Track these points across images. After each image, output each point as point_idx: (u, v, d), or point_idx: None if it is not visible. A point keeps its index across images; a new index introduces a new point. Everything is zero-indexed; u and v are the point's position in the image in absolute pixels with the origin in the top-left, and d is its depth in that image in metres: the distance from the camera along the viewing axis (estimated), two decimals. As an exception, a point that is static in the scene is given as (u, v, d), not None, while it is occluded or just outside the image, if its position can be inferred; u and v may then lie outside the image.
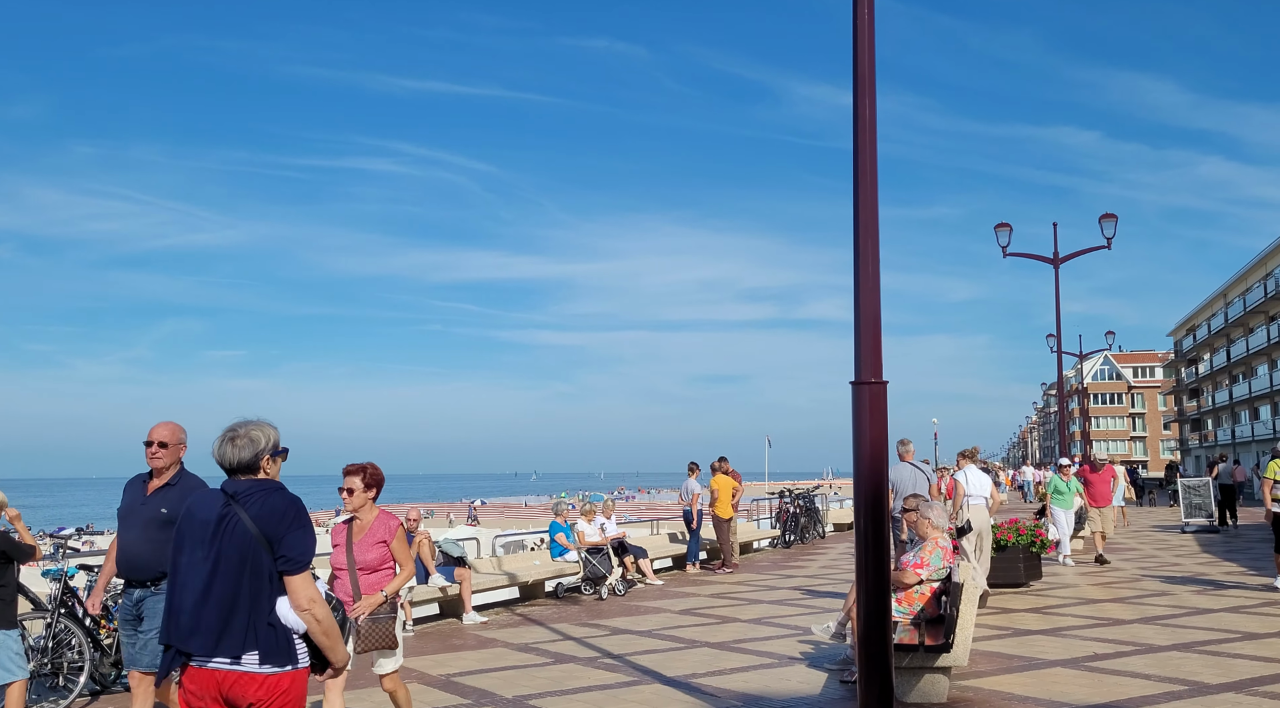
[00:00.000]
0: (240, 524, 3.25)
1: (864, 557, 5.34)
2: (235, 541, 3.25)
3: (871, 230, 5.48)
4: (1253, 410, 61.81)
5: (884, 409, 5.38)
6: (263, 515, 3.26)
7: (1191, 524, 22.83)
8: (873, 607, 5.31)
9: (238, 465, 3.35)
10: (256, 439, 3.38)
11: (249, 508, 3.27)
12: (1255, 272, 59.18)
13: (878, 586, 5.32)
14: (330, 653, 3.38)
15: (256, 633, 3.22)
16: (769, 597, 13.01)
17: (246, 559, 3.24)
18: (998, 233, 22.94)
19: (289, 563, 3.27)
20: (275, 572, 3.27)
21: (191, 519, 3.36)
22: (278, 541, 3.25)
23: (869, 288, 5.44)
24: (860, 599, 5.36)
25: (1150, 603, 11.43)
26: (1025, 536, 13.05)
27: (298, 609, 3.26)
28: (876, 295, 5.46)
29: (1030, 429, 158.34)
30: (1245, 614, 10.36)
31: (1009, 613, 10.90)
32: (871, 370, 5.39)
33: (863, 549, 5.35)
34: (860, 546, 5.36)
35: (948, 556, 7.44)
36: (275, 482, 3.41)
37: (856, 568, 5.38)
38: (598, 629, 10.63)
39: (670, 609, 12.10)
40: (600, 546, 13.92)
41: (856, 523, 5.40)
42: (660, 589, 14.34)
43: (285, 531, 3.27)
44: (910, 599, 7.39)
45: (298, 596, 3.26)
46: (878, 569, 5.32)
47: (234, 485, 3.35)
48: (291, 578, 3.27)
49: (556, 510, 14.76)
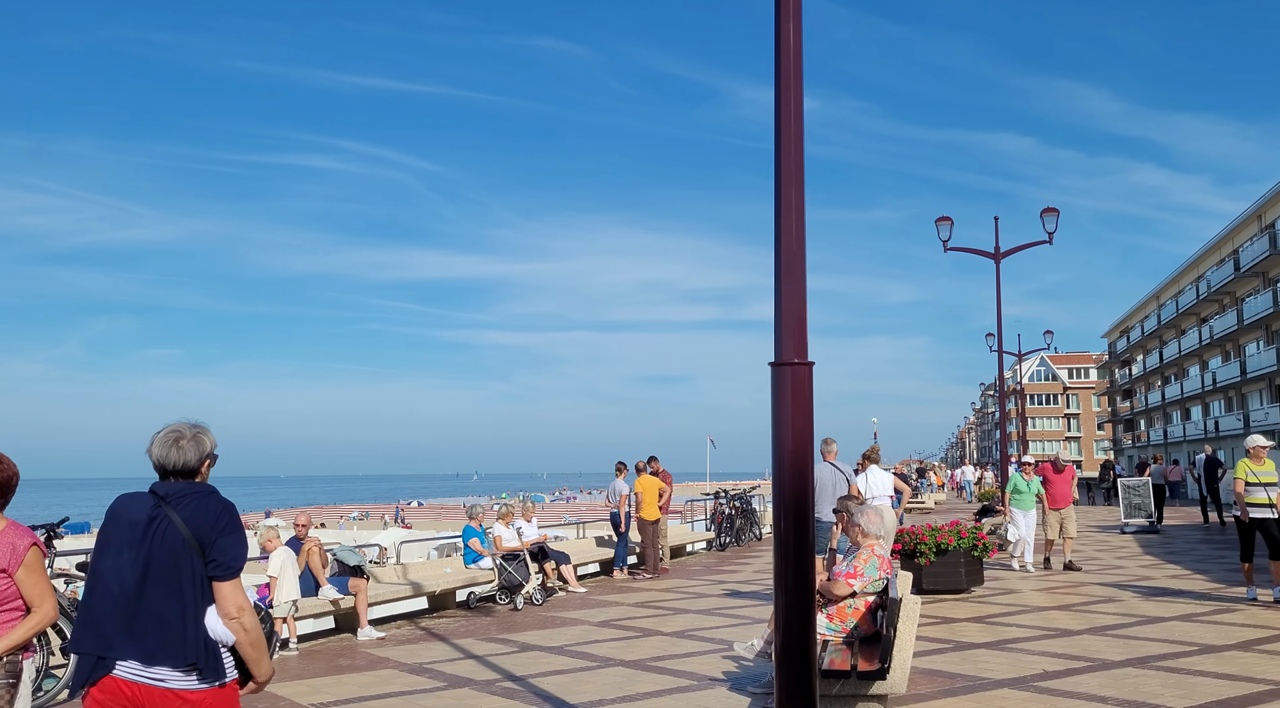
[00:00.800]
0: (172, 527, 3.12)
1: (784, 566, 4.44)
2: (167, 544, 3.12)
3: (795, 180, 4.58)
4: (1184, 411, 62.77)
5: (809, 394, 4.49)
6: (195, 519, 3.14)
7: (1131, 525, 22.51)
8: (794, 625, 4.40)
9: (181, 468, 3.23)
10: (202, 442, 3.28)
11: (181, 511, 3.14)
12: (1187, 275, 60.08)
13: (800, 600, 4.42)
14: (255, 666, 3.22)
15: (193, 643, 3.08)
16: (696, 606, 12.13)
17: (179, 564, 3.11)
18: (939, 227, 22.37)
19: (221, 568, 3.14)
20: (205, 578, 3.13)
21: (117, 521, 3.20)
22: (210, 544, 3.13)
23: (791, 252, 4.54)
24: (779, 617, 4.47)
25: (1098, 611, 10.77)
26: (966, 539, 12.35)
27: (226, 618, 3.13)
28: (801, 262, 4.56)
29: (968, 429, 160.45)
30: (1198, 623, 9.72)
31: (950, 623, 10.14)
32: (795, 349, 4.49)
33: (783, 557, 4.45)
34: (780, 553, 4.46)
35: (885, 565, 6.60)
36: (208, 485, 3.28)
37: (775, 579, 4.48)
38: (504, 645, 9.64)
39: (589, 621, 11.15)
40: (517, 551, 12.92)
41: (776, 526, 4.50)
42: (583, 598, 13.38)
43: (218, 535, 3.14)
44: (843, 615, 6.55)
45: (227, 603, 3.13)
46: (800, 581, 4.42)
47: (165, 487, 3.21)
48: (222, 584, 3.14)
49: (470, 514, 13.71)
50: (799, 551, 4.43)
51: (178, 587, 3.10)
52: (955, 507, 36.91)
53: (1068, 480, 15.84)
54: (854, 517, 6.84)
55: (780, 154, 4.63)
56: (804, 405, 4.47)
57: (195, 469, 3.25)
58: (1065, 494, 15.74)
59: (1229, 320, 50.35)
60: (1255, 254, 46.15)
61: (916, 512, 33.52)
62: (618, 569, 16.03)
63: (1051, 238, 21.76)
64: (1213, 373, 54.44)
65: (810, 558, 4.45)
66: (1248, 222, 49.10)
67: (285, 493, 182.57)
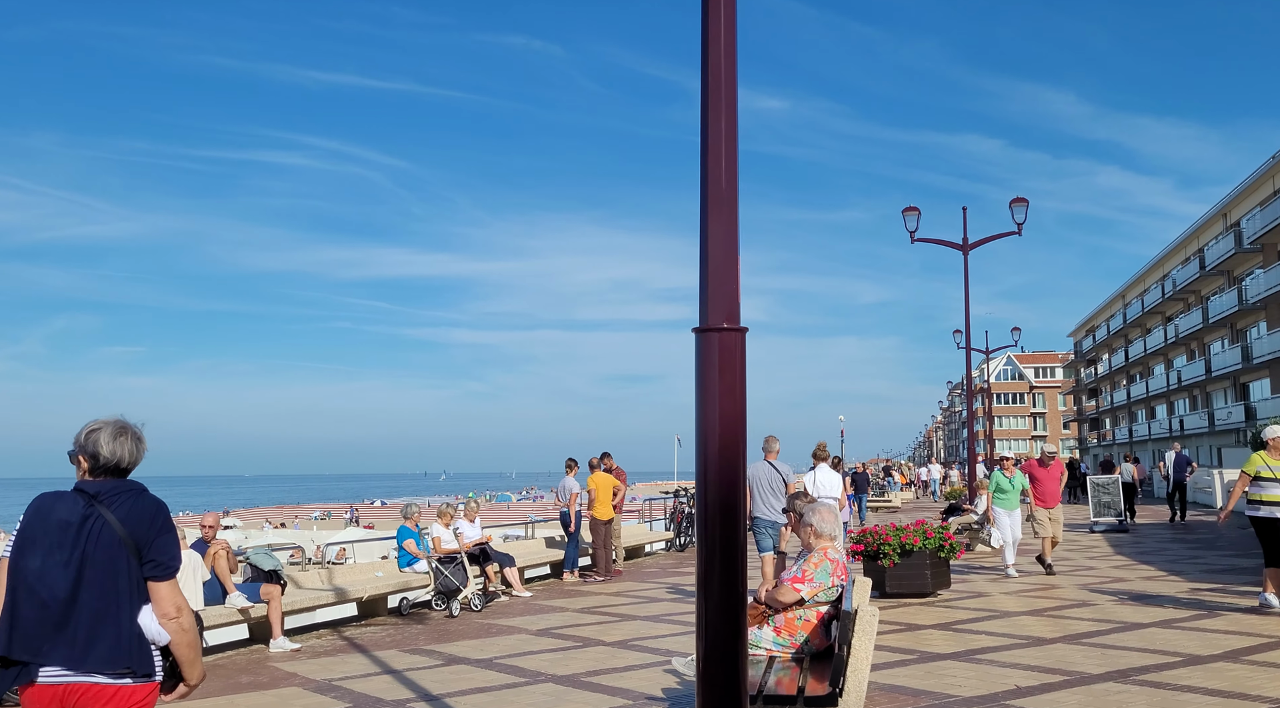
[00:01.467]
0: (107, 527, 3.05)
1: (709, 569, 3.63)
2: (102, 544, 3.04)
3: (726, 99, 3.76)
4: (1149, 410, 62.90)
5: (741, 367, 3.68)
6: (131, 518, 3.08)
7: (1100, 523, 22.00)
8: (720, 641, 3.60)
9: (128, 466, 3.18)
10: (143, 440, 3.24)
11: (115, 510, 3.07)
12: (1153, 274, 60.17)
13: (726, 611, 3.61)
14: (190, 668, 3.17)
15: (129, 644, 3.03)
16: (645, 611, 11.32)
17: (116, 565, 3.05)
18: (906, 217, 21.74)
19: (159, 568, 3.09)
20: (141, 578, 3.08)
21: (45, 521, 3.09)
22: (147, 544, 3.08)
23: (720, 192, 3.73)
24: (701, 631, 3.66)
25: (1071, 616, 10.07)
26: (933, 539, 11.63)
27: (164, 618, 3.07)
28: (732, 205, 3.75)
29: (935, 428, 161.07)
30: (1180, 630, 9.03)
31: (914, 630, 9.40)
32: (724, 312, 3.67)
33: (707, 559, 3.64)
34: (703, 554, 3.66)
35: (839, 571, 5.81)
36: (138, 483, 3.19)
37: (698, 585, 3.68)
38: (429, 658, 8.77)
39: (527, 629, 10.30)
40: (454, 554, 12.04)
41: (699, 525, 3.70)
42: (526, 603, 12.53)
43: (155, 534, 3.09)
44: (791, 628, 5.75)
45: (165, 603, 3.08)
46: (727, 588, 3.61)
47: (94, 486, 3.12)
48: (159, 584, 3.10)
49: (405, 514, 12.79)
50: (726, 552, 3.62)
51: (114, 588, 3.03)
52: (922, 506, 36.39)
53: (1056, 476, 14.79)
54: (805, 516, 6.05)
55: (708, 44, 3.79)
56: (734, 381, 3.66)
57: (133, 467, 3.20)
58: (1054, 491, 14.54)
59: (1194, 319, 50.35)
60: (1220, 253, 46.13)
61: (883, 511, 32.96)
62: (567, 572, 15.19)
63: (1020, 229, 21.19)
64: (1178, 371, 54.49)
65: (739, 560, 3.66)
66: (1212, 220, 49.11)
67: (249, 492, 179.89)
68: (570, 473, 15.86)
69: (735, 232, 3.75)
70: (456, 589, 11.69)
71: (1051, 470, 14.72)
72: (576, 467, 15.96)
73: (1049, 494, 14.46)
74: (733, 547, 3.64)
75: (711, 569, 3.62)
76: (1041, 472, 14.64)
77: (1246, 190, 44.14)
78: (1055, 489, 14.56)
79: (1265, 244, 41.62)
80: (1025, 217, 21.21)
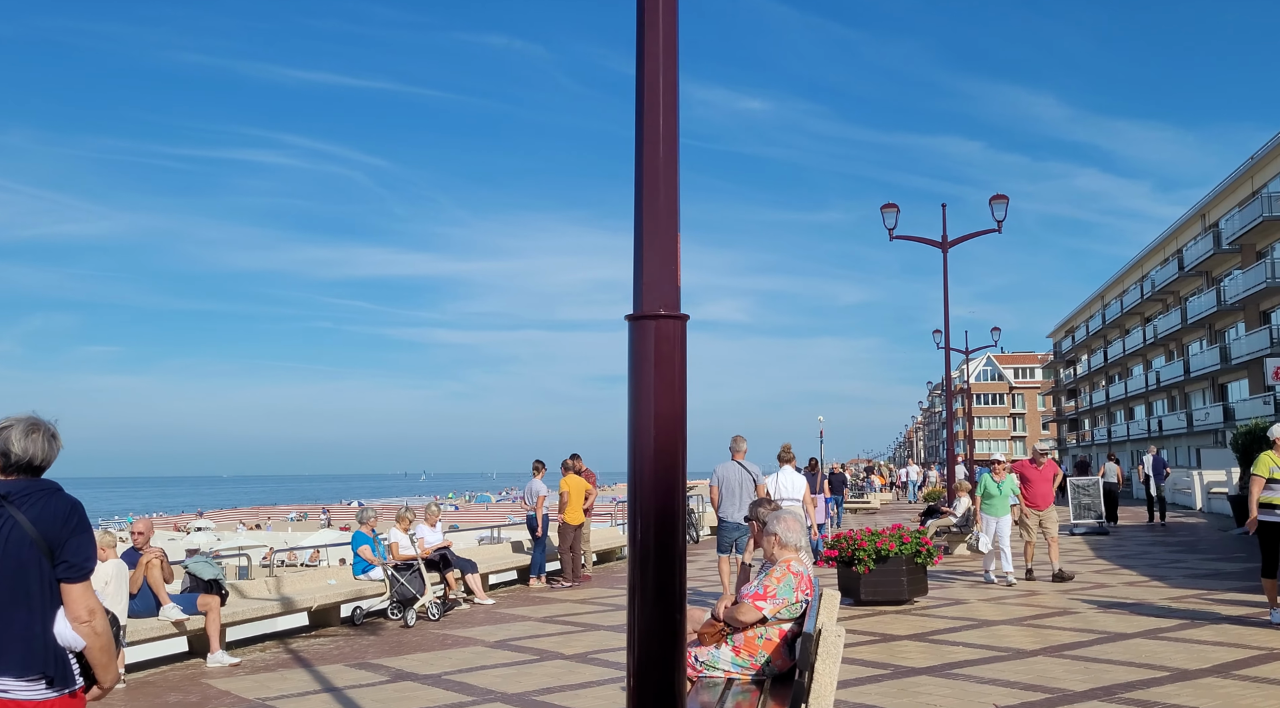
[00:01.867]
0: (18, 528, 2.90)
1: (641, 579, 3.15)
2: (12, 547, 2.90)
3: (665, 75, 3.29)
4: (1128, 410, 62.96)
5: (681, 360, 3.21)
6: (43, 519, 2.93)
7: (1080, 526, 21.67)
8: (653, 665, 3.12)
9: (40, 463, 3.04)
10: (57, 437, 3.12)
11: (27, 510, 2.92)
12: (1132, 274, 60.22)
13: (662, 631, 3.13)
14: (103, 672, 3.05)
15: (44, 651, 2.89)
16: (610, 621, 10.83)
17: (27, 568, 2.90)
18: (884, 214, 21.34)
19: (73, 570, 2.96)
20: (54, 581, 2.94)
21: None
22: (60, 545, 2.93)
23: (657, 173, 3.25)
24: (632, 652, 3.19)
25: (1052, 625, 9.66)
26: (909, 544, 11.20)
27: (76, 621, 2.95)
28: (672, 174, 3.28)
29: (916, 429, 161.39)
30: (1166, 641, 8.63)
31: (889, 641, 8.96)
32: (662, 298, 3.20)
33: (639, 569, 3.16)
34: (635, 563, 3.17)
35: (803, 585, 5.35)
36: (52, 482, 3.04)
37: (629, 599, 3.19)
38: (375, 674, 8.25)
39: (484, 640, 9.80)
40: (412, 560, 11.52)
41: (631, 533, 3.22)
42: (488, 611, 12.02)
43: (69, 535, 2.95)
44: (751, 647, 5.28)
45: (78, 606, 2.95)
46: (663, 603, 3.13)
47: (4, 486, 2.97)
48: (72, 586, 2.97)
49: (361, 518, 12.24)
50: (662, 561, 3.15)
51: (25, 593, 2.91)
52: (901, 507, 36.07)
53: (1049, 477, 13.99)
54: (769, 525, 5.58)
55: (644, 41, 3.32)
56: (672, 375, 3.19)
57: (47, 466, 3.08)
58: (1047, 493, 13.65)
59: (1172, 320, 50.34)
60: (1199, 253, 46.11)
61: (862, 512, 32.62)
62: (534, 577, 14.68)
63: (1000, 226, 20.84)
64: (1156, 372, 54.51)
65: (676, 569, 3.20)
66: (1191, 221, 49.12)
67: (226, 493, 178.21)
68: (538, 475, 15.36)
69: (675, 208, 3.28)
70: (413, 598, 11.17)
71: (1044, 471, 13.89)
72: (544, 469, 15.47)
73: (1040, 496, 13.65)
74: (669, 558, 3.17)
75: (644, 580, 3.16)
76: (1033, 472, 13.80)
77: (1225, 191, 44.13)
78: (1047, 490, 13.74)
79: (1244, 245, 41.60)
80: (1005, 214, 20.87)
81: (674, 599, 3.16)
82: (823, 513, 18.11)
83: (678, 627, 3.16)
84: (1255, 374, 42.03)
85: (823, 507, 18.15)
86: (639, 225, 3.24)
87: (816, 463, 20.45)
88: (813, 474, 18.66)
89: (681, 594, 3.19)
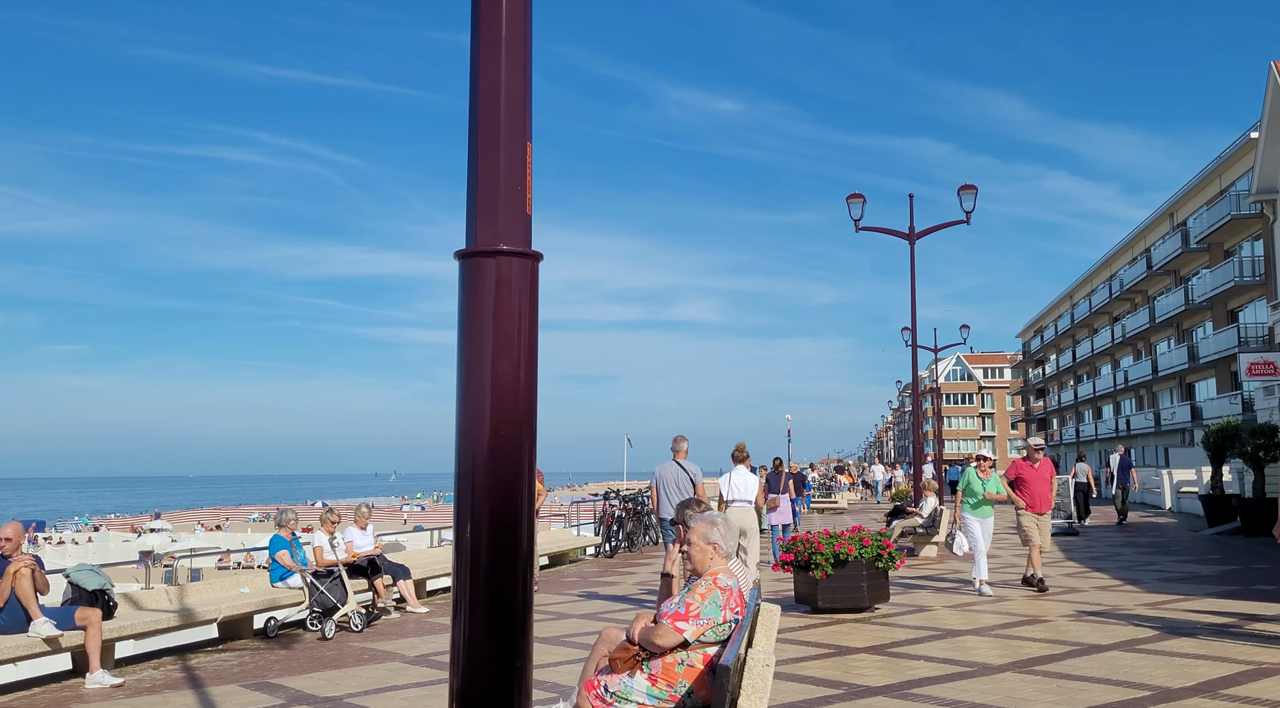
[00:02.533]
0: None
1: (470, 589, 2.41)
2: None
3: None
4: (1095, 410, 62.90)
5: (530, 309, 2.40)
6: None
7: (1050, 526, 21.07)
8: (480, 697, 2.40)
9: None
10: None
11: None
12: (1100, 274, 60.11)
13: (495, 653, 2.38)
14: None
15: None
16: (547, 632, 10.00)
17: None
18: (850, 205, 20.64)
19: None
20: None
21: None
22: None
23: (493, 55, 2.44)
24: (455, 678, 2.45)
25: (1022, 636, 8.92)
26: (870, 547, 10.45)
27: None
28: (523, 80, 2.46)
29: (886, 429, 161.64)
30: (1144, 655, 7.91)
31: (845, 655, 8.18)
32: (505, 230, 2.38)
33: (468, 576, 2.42)
34: (463, 569, 2.43)
35: (731, 602, 4.54)
36: None
37: (453, 613, 2.48)
38: (268, 696, 7.35)
39: (404, 655, 8.92)
40: (333, 566, 10.62)
41: (458, 527, 2.43)
42: (419, 620, 11.14)
43: None
44: (670, 676, 4.46)
45: None
46: (498, 619, 2.38)
47: None
48: None
49: (279, 521, 11.30)
50: (498, 575, 2.38)
51: None
52: (869, 508, 35.48)
53: (1047, 477, 12.27)
54: (693, 528, 4.76)
55: None
56: (516, 330, 2.38)
57: None
58: (1046, 494, 12.21)
59: (1141, 319, 50.17)
60: (1167, 252, 45.91)
61: (829, 512, 31.97)
62: (476, 583, 13.81)
63: (969, 217, 20.20)
64: (1124, 371, 54.38)
65: (520, 577, 2.42)
66: (1159, 220, 48.96)
67: (191, 494, 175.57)
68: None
69: (526, 115, 2.46)
70: (334, 607, 10.27)
71: (1041, 470, 12.34)
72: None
73: (1040, 498, 12.16)
74: (507, 562, 2.40)
75: (475, 592, 2.40)
76: (1030, 471, 12.28)
77: (1193, 190, 43.94)
78: (1046, 491, 12.26)
79: (1212, 243, 41.38)
80: (974, 205, 20.23)
81: (513, 614, 2.39)
82: (788, 514, 17.41)
83: (516, 648, 2.38)
84: (1223, 373, 41.86)
85: (787, 507, 17.43)
86: (474, 133, 2.42)
87: (781, 463, 19.77)
88: (777, 474, 17.96)
89: (524, 608, 2.42)
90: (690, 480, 10.81)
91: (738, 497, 11.45)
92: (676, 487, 10.75)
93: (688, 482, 10.81)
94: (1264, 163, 35.03)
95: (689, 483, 10.80)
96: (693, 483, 10.83)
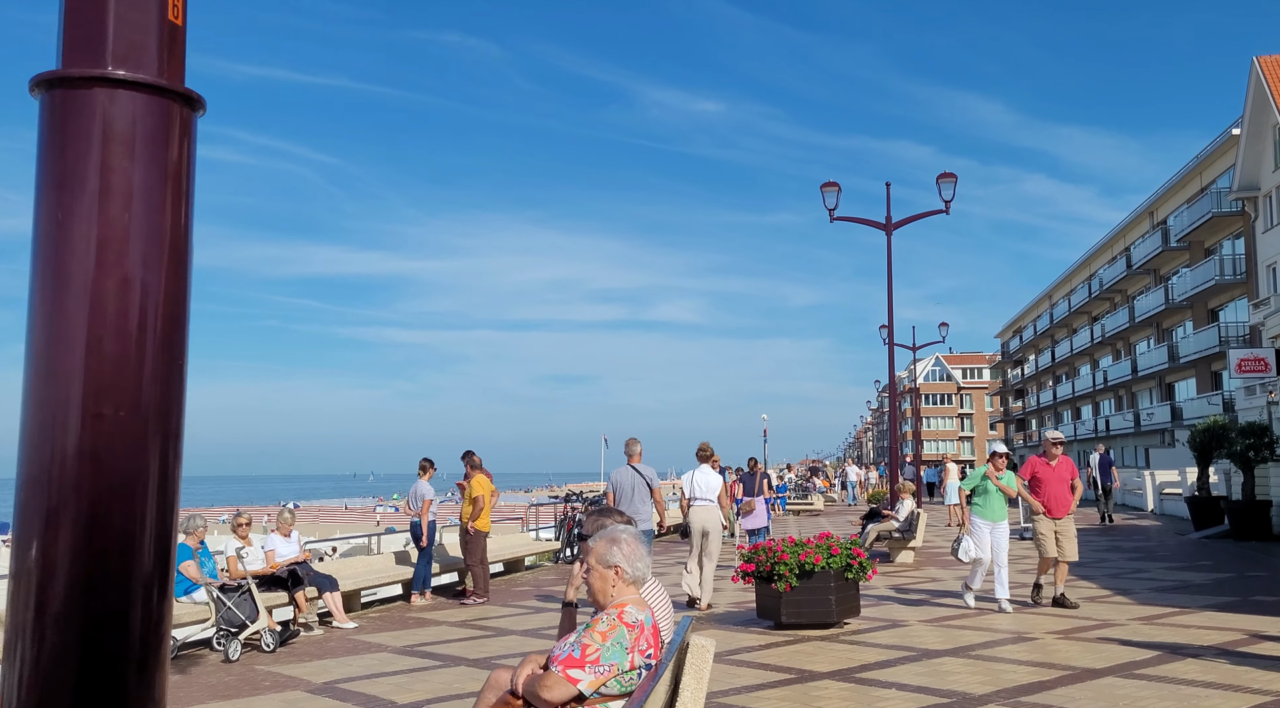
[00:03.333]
0: None
1: (36, 615, 1.47)
2: None
3: None
4: (1074, 410, 62.40)
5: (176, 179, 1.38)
6: None
7: (1030, 529, 20.20)
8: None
9: None
10: None
11: None
12: (1080, 273, 59.61)
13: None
14: None
15: None
16: (481, 651, 8.95)
17: None
18: (824, 194, 19.72)
19: None
20: None
21: None
22: None
23: None
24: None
25: (1006, 658, 7.96)
26: (838, 557, 9.48)
27: None
28: None
29: (865, 429, 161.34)
30: (1144, 682, 6.96)
31: (806, 682, 7.19)
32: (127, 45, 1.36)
33: (32, 595, 1.46)
34: (21, 589, 1.48)
35: (641, 642, 3.52)
36: None
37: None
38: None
39: (311, 681, 7.87)
40: (242, 579, 9.56)
41: (19, 521, 1.43)
42: (344, 637, 10.10)
43: None
44: (562, 738, 3.45)
45: None
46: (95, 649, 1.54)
47: None
48: None
49: (186, 528, 10.20)
50: (108, 594, 1.48)
51: None
52: (845, 510, 34.61)
53: (1065, 478, 10.70)
54: (594, 547, 3.74)
55: None
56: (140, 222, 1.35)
57: None
58: (1065, 496, 10.61)
59: (1120, 318, 49.63)
60: (1147, 251, 45.37)
61: (805, 515, 31.06)
62: (416, 593, 12.74)
63: (948, 207, 19.32)
64: (1104, 371, 53.86)
65: (133, 603, 1.46)
66: (1139, 219, 48.42)
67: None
68: (424, 476, 13.42)
69: None
70: (243, 624, 9.20)
71: (1059, 469, 10.75)
72: (433, 469, 13.54)
73: (1058, 500, 10.64)
74: (123, 595, 1.39)
75: (41, 618, 1.43)
76: (1046, 470, 10.76)
77: (1174, 188, 43.40)
78: (1065, 493, 10.66)
79: (1192, 242, 40.83)
80: (954, 194, 19.35)
81: (126, 641, 1.41)
82: (764, 516, 16.50)
83: (127, 688, 1.39)
84: (1203, 373, 41.30)
85: (763, 510, 16.51)
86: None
87: (756, 463, 18.88)
88: (752, 475, 17.09)
89: (158, 634, 1.45)
90: (647, 485, 10.51)
91: (700, 495, 11.14)
92: (633, 491, 10.38)
93: (643, 486, 10.48)
94: (1245, 159, 34.45)
95: (645, 487, 10.48)
96: (649, 487, 10.54)
